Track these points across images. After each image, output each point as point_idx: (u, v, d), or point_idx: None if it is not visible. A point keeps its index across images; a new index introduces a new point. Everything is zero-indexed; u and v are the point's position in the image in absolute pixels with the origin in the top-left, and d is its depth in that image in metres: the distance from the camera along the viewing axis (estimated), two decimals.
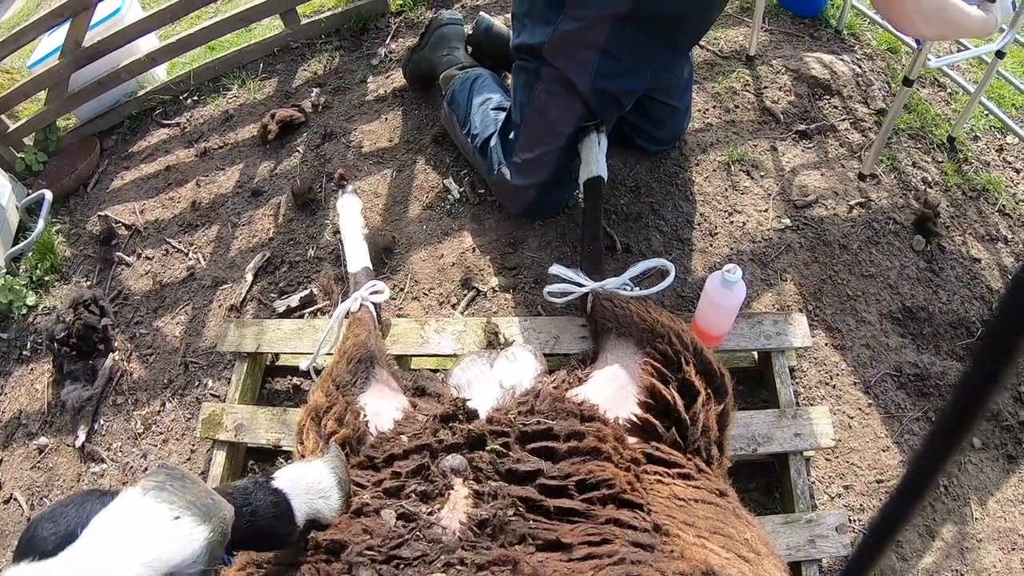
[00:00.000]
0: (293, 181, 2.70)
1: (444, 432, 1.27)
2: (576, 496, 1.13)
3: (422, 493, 1.13)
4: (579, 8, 1.89)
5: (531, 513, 1.09)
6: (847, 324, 2.11)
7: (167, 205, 2.85)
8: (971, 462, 1.90)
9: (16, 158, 3.14)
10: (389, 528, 1.06)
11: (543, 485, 1.14)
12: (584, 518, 1.10)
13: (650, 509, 1.14)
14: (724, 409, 1.44)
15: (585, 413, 1.33)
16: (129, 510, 0.77)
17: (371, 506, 1.11)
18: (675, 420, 1.38)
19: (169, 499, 0.79)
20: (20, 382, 2.53)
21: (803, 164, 2.47)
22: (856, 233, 2.28)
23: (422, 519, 1.07)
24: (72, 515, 0.78)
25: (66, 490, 2.23)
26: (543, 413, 1.31)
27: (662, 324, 1.56)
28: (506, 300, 2.24)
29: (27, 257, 2.82)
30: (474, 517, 1.07)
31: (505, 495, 1.10)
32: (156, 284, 2.61)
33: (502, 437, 1.24)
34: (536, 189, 2.23)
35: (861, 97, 2.65)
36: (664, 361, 1.46)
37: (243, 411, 2.03)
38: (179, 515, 0.78)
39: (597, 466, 1.18)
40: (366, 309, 1.86)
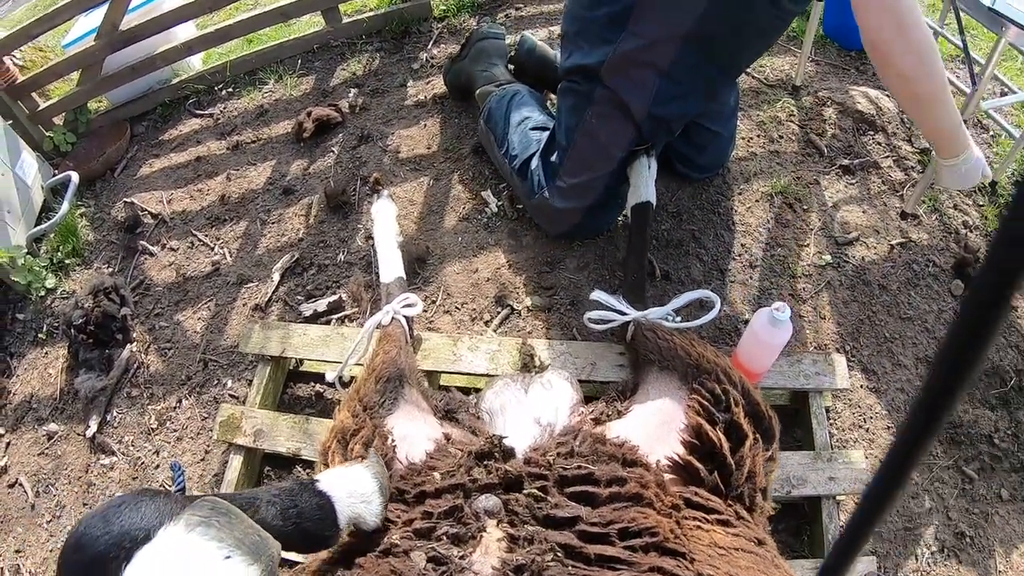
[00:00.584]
0: (326, 182, 2.64)
1: (479, 471, 1.22)
2: (617, 543, 1.08)
3: (454, 536, 1.09)
4: (645, 24, 1.82)
5: (570, 560, 1.04)
6: (883, 367, 2.05)
7: (195, 196, 2.79)
8: (998, 514, 1.85)
9: (45, 137, 3.10)
10: (419, 571, 1.01)
11: (583, 531, 1.09)
12: (626, 566, 1.04)
13: (692, 558, 1.08)
14: (771, 455, 1.38)
15: (627, 457, 1.28)
16: (176, 549, 0.72)
17: (400, 547, 1.07)
18: (719, 464, 1.31)
19: (218, 536, 0.74)
20: (34, 365, 2.48)
21: (845, 199, 2.41)
22: (896, 274, 2.22)
23: (454, 563, 1.02)
24: (126, 516, 0.74)
25: (73, 480, 2.17)
26: (583, 456, 1.26)
27: (708, 360, 1.50)
28: (541, 320, 2.17)
29: (49, 239, 2.77)
30: (509, 563, 1.02)
31: (543, 540, 1.06)
32: (179, 276, 2.55)
33: (540, 480, 1.19)
34: (580, 213, 2.16)
35: (905, 135, 2.59)
36: (712, 400, 1.40)
37: (263, 416, 1.97)
38: (229, 555, 0.74)
39: (640, 513, 1.14)
40: (397, 323, 1.79)
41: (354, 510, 1.06)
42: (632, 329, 1.74)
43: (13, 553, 2.09)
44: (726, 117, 2.30)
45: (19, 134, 2.91)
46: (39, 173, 2.89)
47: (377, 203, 2.20)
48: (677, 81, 1.87)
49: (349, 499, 1.06)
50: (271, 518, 0.94)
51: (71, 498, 2.15)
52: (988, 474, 1.90)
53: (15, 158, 2.77)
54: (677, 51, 1.81)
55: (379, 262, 2.06)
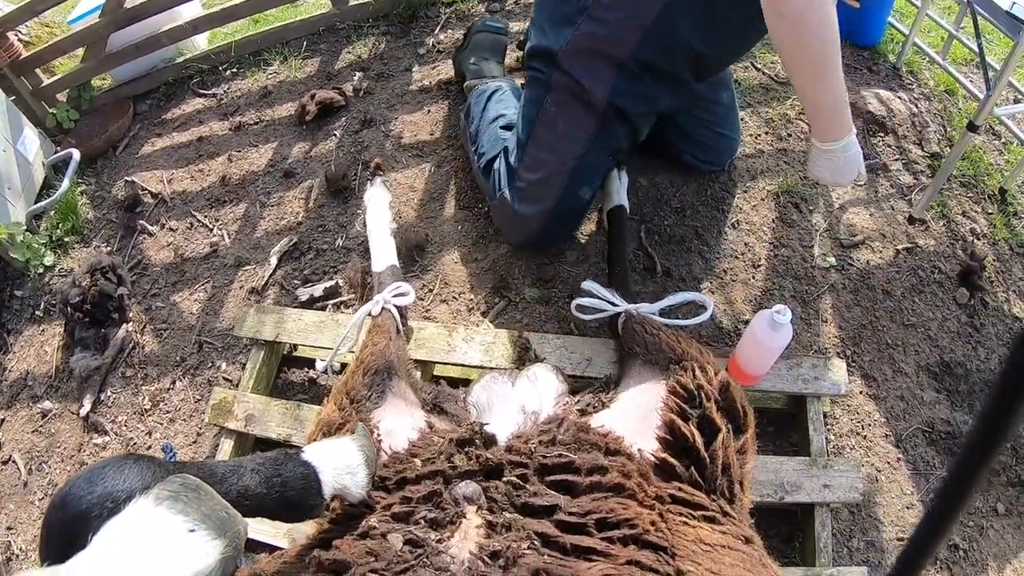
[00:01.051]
0: (328, 166, 2.61)
1: (459, 457, 1.21)
2: (595, 534, 1.06)
3: (432, 520, 1.08)
4: (608, 9, 1.73)
5: (547, 548, 1.03)
6: (884, 373, 2.02)
7: (196, 177, 2.76)
8: (993, 528, 1.82)
9: (48, 114, 3.05)
10: (395, 552, 1.00)
11: (561, 521, 1.08)
12: (602, 557, 1.03)
13: (674, 552, 1.06)
14: (743, 446, 1.36)
15: (610, 446, 1.26)
16: (142, 520, 0.72)
17: (378, 529, 1.06)
18: (694, 458, 1.30)
19: (184, 510, 0.74)
20: (30, 342, 2.46)
21: (852, 202, 2.37)
22: (900, 279, 2.19)
23: (430, 546, 1.02)
24: (109, 478, 0.76)
25: (66, 458, 2.16)
26: (565, 444, 1.24)
27: (689, 356, 1.49)
28: (538, 313, 2.13)
29: (49, 216, 2.74)
30: (485, 548, 1.01)
31: (520, 528, 1.05)
32: (177, 257, 2.52)
33: (520, 468, 1.17)
34: (539, 219, 2.05)
35: (916, 138, 2.55)
36: (685, 395, 1.39)
37: (255, 401, 1.94)
38: (194, 528, 0.74)
39: (619, 503, 1.12)
40: (388, 313, 1.75)
41: (339, 481, 1.06)
42: (622, 321, 1.73)
43: (4, 530, 2.08)
44: (722, 116, 2.24)
45: (22, 110, 2.87)
46: (41, 150, 2.85)
47: (371, 190, 2.17)
48: (635, 75, 1.79)
49: (334, 470, 1.06)
50: (255, 485, 0.94)
51: (63, 476, 2.13)
52: (985, 487, 1.87)
53: (17, 134, 2.73)
54: (637, 43, 1.73)
55: (372, 250, 2.03)
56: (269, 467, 0.98)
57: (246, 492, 0.93)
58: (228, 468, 0.94)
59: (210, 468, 0.92)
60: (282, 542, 1.74)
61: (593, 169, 1.99)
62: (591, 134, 1.90)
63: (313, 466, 1.04)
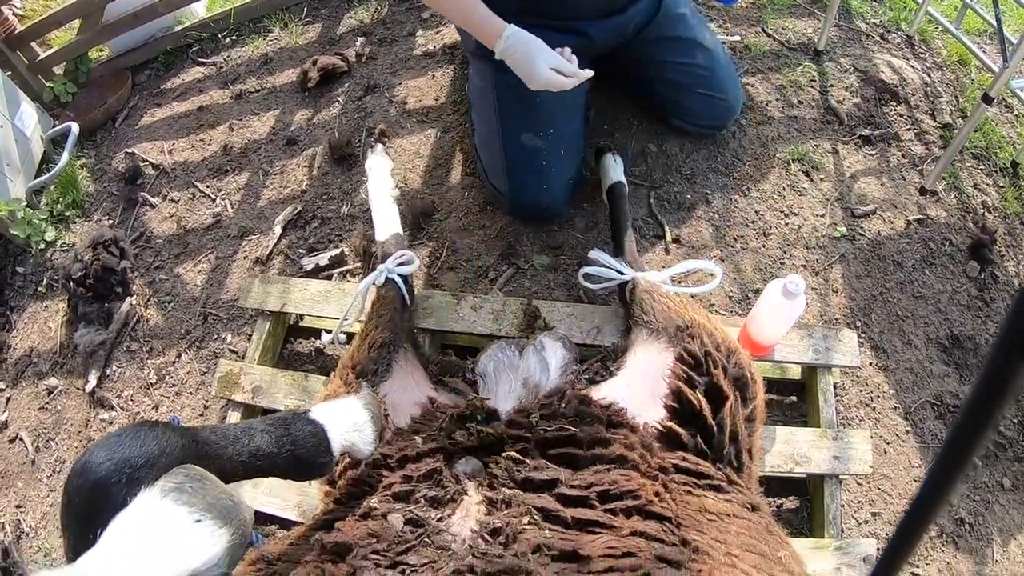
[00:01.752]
0: (331, 133, 2.54)
1: (460, 433, 1.21)
2: (598, 506, 1.06)
3: (432, 498, 1.09)
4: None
5: (548, 523, 1.03)
6: (893, 345, 2.00)
7: (197, 147, 2.69)
8: (999, 502, 1.81)
9: (44, 87, 2.97)
10: (396, 533, 1.01)
11: (562, 495, 1.08)
12: (606, 529, 1.03)
13: (679, 522, 1.06)
14: (751, 414, 1.34)
15: (612, 418, 1.25)
16: (148, 514, 0.73)
17: (379, 510, 1.07)
18: (701, 427, 1.28)
19: (189, 501, 0.75)
20: (34, 319, 2.42)
21: (864, 171, 2.32)
22: (911, 251, 2.15)
23: (431, 525, 1.02)
24: (127, 444, 0.77)
25: (73, 435, 2.13)
26: (567, 417, 1.23)
27: (697, 323, 1.46)
28: (547, 280, 2.09)
29: (49, 190, 2.68)
30: (486, 525, 1.02)
31: (520, 503, 1.05)
32: (180, 228, 2.47)
33: (521, 442, 1.17)
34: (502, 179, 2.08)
35: (928, 108, 2.49)
36: (692, 363, 1.36)
37: (262, 373, 1.90)
38: (200, 518, 0.75)
39: (622, 475, 1.12)
40: (392, 284, 1.71)
41: (347, 438, 1.09)
42: (629, 289, 1.71)
43: (14, 508, 2.06)
44: (702, 77, 2.15)
45: (18, 85, 2.78)
46: (39, 124, 2.78)
47: (372, 157, 2.11)
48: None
49: (342, 428, 1.08)
50: (266, 445, 0.96)
51: (71, 453, 2.10)
52: (992, 462, 1.86)
53: (14, 109, 2.66)
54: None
55: (374, 219, 1.97)
56: (279, 427, 1.00)
57: (258, 452, 0.95)
58: (240, 430, 0.96)
59: (222, 431, 0.94)
60: (291, 514, 1.72)
61: (518, 115, 2.02)
62: (492, 82, 2.01)
63: (321, 424, 1.06)
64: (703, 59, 2.15)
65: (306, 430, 1.03)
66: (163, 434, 0.81)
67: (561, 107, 1.99)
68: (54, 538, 2.00)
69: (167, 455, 0.79)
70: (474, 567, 0.93)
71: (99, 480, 0.74)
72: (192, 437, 0.87)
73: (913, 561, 1.71)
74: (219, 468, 0.89)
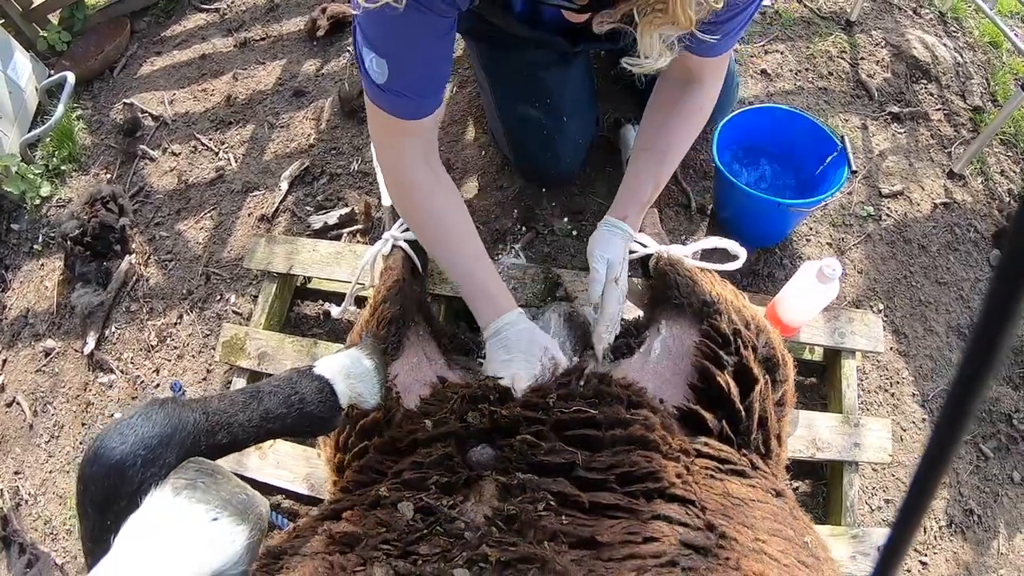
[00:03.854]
0: (341, 84, 2.38)
1: (473, 415, 1.16)
2: (617, 489, 1.02)
3: (444, 485, 1.05)
4: None
5: (565, 508, 0.99)
6: (915, 331, 1.94)
7: (199, 97, 2.53)
8: (1007, 495, 1.78)
9: (39, 36, 2.77)
10: (407, 522, 0.98)
11: (579, 478, 1.03)
12: (627, 513, 0.98)
13: (704, 506, 1.02)
14: (781, 398, 1.29)
15: (633, 398, 1.19)
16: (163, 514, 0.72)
17: (388, 498, 1.03)
18: (728, 410, 1.23)
19: (204, 498, 0.74)
20: (29, 278, 2.27)
21: (892, 149, 2.23)
22: (937, 235, 2.08)
23: (443, 513, 0.99)
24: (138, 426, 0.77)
25: (71, 398, 2.00)
26: (585, 397, 1.17)
27: (723, 299, 1.38)
28: (566, 245, 1.98)
29: (44, 143, 2.51)
30: (500, 511, 0.97)
31: (535, 488, 1.01)
32: (181, 183, 2.31)
33: (536, 424, 1.11)
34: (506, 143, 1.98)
35: (959, 89, 2.37)
36: (720, 341, 1.30)
37: (268, 338, 1.78)
38: (216, 516, 0.73)
39: (642, 456, 1.07)
40: (399, 252, 1.59)
41: (354, 390, 1.09)
42: (652, 263, 1.62)
43: (12, 475, 1.94)
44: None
45: (11, 33, 2.60)
46: (33, 74, 2.61)
47: None
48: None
49: (347, 380, 1.08)
50: (275, 407, 0.97)
51: (69, 417, 1.99)
52: (1003, 454, 1.83)
53: (7, 59, 2.49)
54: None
55: (380, 182, 1.83)
56: (285, 386, 1.00)
57: (268, 415, 0.95)
58: (247, 395, 0.96)
59: (230, 398, 0.93)
60: (300, 487, 1.62)
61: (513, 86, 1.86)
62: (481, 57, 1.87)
63: (327, 378, 1.06)
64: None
65: (312, 386, 1.03)
66: (174, 411, 0.81)
67: (559, 74, 1.82)
68: (53, 505, 1.89)
69: (180, 431, 0.79)
70: (488, 556, 0.90)
71: (114, 464, 0.73)
72: (202, 409, 0.86)
73: (921, 550, 1.69)
74: (232, 436, 0.89)
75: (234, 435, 0.89)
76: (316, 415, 1.02)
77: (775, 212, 1.87)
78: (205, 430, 0.83)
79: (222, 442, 0.87)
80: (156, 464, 0.75)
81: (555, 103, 1.84)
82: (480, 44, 1.79)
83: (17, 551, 1.87)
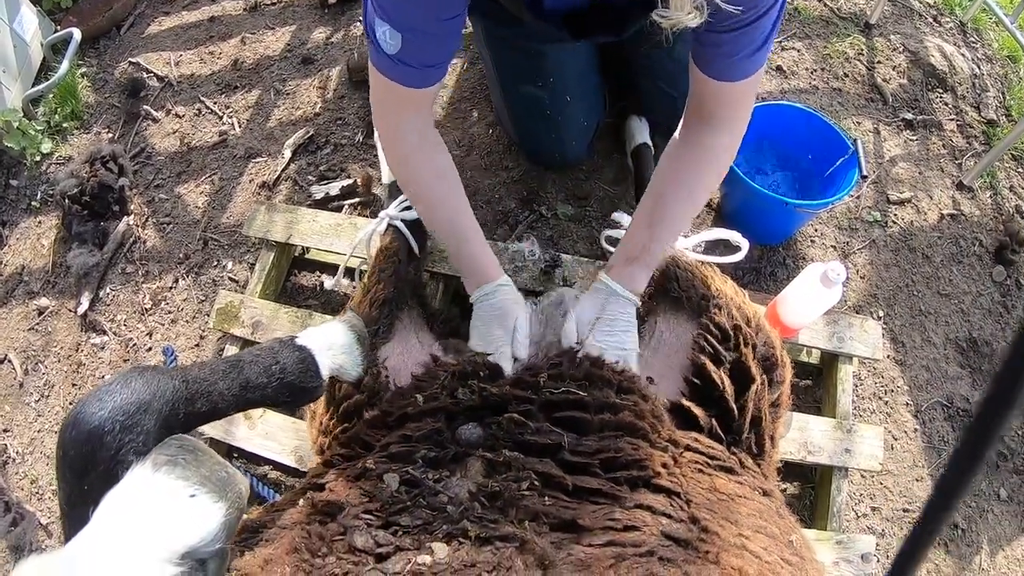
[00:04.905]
0: (350, 54, 2.33)
1: (463, 391, 1.16)
2: (601, 475, 1.02)
3: (431, 459, 1.05)
4: None
5: (548, 489, 0.99)
6: (913, 340, 1.93)
7: (206, 60, 2.48)
8: (992, 512, 1.78)
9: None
10: (391, 493, 0.98)
11: (565, 460, 1.03)
12: (610, 499, 0.98)
13: (689, 499, 1.01)
14: (778, 399, 1.28)
15: (624, 384, 1.18)
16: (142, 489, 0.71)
17: (374, 470, 1.04)
18: (721, 408, 1.22)
19: (183, 475, 0.73)
20: (26, 235, 2.24)
21: (903, 156, 2.20)
22: (941, 245, 2.06)
23: (427, 486, 0.99)
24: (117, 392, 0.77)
25: (63, 358, 1.98)
26: (576, 380, 1.16)
27: (723, 294, 1.36)
28: (569, 230, 1.95)
29: (47, 100, 2.46)
30: (484, 488, 0.98)
31: (521, 467, 1.01)
32: (183, 146, 2.27)
33: (525, 403, 1.11)
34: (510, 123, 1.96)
35: (974, 100, 2.34)
36: (719, 336, 1.28)
37: (263, 307, 1.75)
38: (195, 492, 0.73)
39: (629, 443, 1.06)
40: (393, 231, 1.56)
41: (335, 360, 1.10)
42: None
43: (0, 432, 1.93)
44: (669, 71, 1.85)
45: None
46: (39, 29, 2.53)
47: None
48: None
49: (329, 351, 1.09)
50: (255, 376, 0.96)
51: (60, 377, 1.96)
52: (991, 471, 1.83)
53: (13, 13, 2.42)
54: None
55: (381, 161, 1.79)
56: (266, 356, 1.00)
57: (248, 384, 0.95)
58: (228, 364, 0.95)
59: (211, 366, 0.93)
60: (288, 459, 1.59)
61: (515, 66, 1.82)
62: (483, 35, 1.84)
63: (308, 349, 1.06)
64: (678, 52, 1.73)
65: (294, 356, 1.03)
66: (153, 378, 0.80)
67: (562, 55, 1.76)
68: (41, 464, 1.87)
69: (158, 398, 0.79)
70: (468, 531, 0.90)
71: (93, 430, 0.73)
72: (182, 377, 0.85)
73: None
74: (212, 404, 0.89)
75: (214, 403, 0.89)
76: (297, 385, 1.02)
77: (781, 211, 1.85)
78: (184, 398, 0.83)
79: (201, 410, 0.87)
80: (134, 431, 0.75)
81: (558, 83, 1.78)
82: (485, 21, 1.74)
83: (2, 509, 1.86)
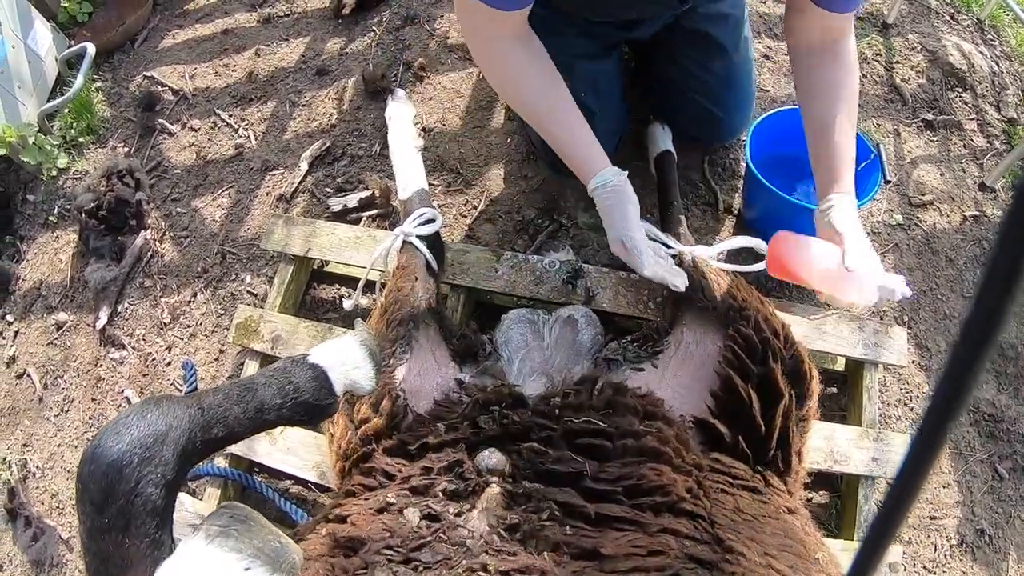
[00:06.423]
0: (365, 64, 2.32)
1: (484, 419, 1.16)
2: (625, 502, 1.02)
3: (452, 492, 1.05)
4: None
5: (570, 519, 0.99)
6: (938, 345, 1.90)
7: (220, 73, 2.47)
8: (1020, 517, 1.74)
9: (60, 6, 2.70)
10: (411, 528, 0.99)
11: (586, 488, 1.03)
12: (634, 526, 0.98)
13: (714, 521, 1.01)
14: (805, 414, 1.26)
15: (648, 409, 1.19)
16: (195, 563, 0.71)
17: (395, 504, 1.04)
18: (747, 425, 1.21)
19: (236, 547, 0.73)
20: (43, 250, 2.23)
21: (924, 157, 2.17)
22: (965, 248, 2.03)
23: (448, 520, 1.00)
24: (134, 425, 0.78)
25: (82, 373, 1.97)
26: (597, 409, 1.17)
27: (750, 304, 1.34)
28: (590, 239, 1.92)
29: (62, 115, 2.45)
30: (503, 520, 0.98)
31: (541, 497, 1.01)
32: (199, 159, 2.26)
33: (547, 431, 1.12)
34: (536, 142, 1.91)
35: (994, 99, 2.31)
36: (747, 350, 1.25)
37: (283, 322, 1.73)
38: (249, 566, 0.73)
39: (652, 469, 1.06)
40: (412, 248, 1.55)
41: (348, 376, 1.09)
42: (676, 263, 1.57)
43: (20, 447, 1.91)
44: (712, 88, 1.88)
45: (32, 3, 2.50)
46: (53, 44, 2.54)
47: (392, 105, 1.89)
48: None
49: (341, 367, 1.09)
50: (270, 398, 0.97)
51: (79, 392, 1.95)
52: (1018, 475, 1.79)
53: (27, 29, 2.43)
54: None
55: (396, 175, 1.77)
56: (279, 376, 1.01)
57: (263, 407, 0.96)
58: (242, 387, 0.96)
59: (225, 391, 0.93)
60: (310, 475, 1.57)
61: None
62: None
63: (321, 367, 1.06)
64: (720, 69, 1.86)
65: (307, 375, 1.04)
66: (169, 408, 0.81)
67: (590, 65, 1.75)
68: (61, 479, 1.86)
69: (175, 428, 0.80)
70: (487, 565, 0.90)
71: (111, 463, 0.74)
72: (197, 404, 0.86)
73: (930, 568, 1.67)
74: (228, 429, 0.90)
75: (230, 428, 0.90)
76: (312, 403, 1.03)
77: (805, 217, 1.83)
78: (201, 425, 0.84)
79: (218, 436, 0.88)
80: (153, 462, 0.76)
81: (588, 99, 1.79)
82: None
83: (23, 524, 1.86)
